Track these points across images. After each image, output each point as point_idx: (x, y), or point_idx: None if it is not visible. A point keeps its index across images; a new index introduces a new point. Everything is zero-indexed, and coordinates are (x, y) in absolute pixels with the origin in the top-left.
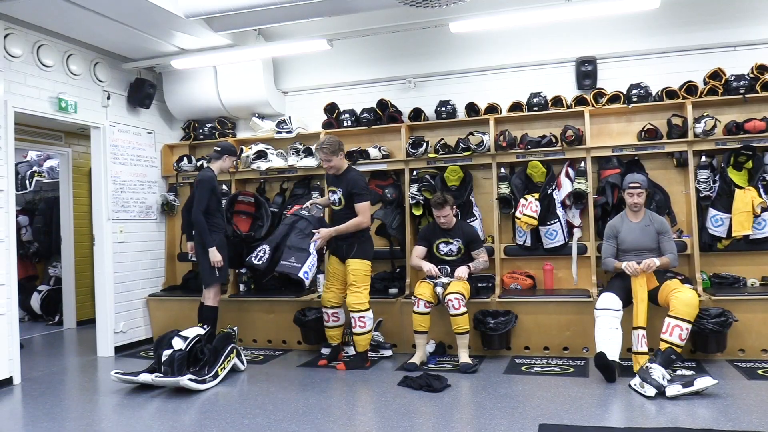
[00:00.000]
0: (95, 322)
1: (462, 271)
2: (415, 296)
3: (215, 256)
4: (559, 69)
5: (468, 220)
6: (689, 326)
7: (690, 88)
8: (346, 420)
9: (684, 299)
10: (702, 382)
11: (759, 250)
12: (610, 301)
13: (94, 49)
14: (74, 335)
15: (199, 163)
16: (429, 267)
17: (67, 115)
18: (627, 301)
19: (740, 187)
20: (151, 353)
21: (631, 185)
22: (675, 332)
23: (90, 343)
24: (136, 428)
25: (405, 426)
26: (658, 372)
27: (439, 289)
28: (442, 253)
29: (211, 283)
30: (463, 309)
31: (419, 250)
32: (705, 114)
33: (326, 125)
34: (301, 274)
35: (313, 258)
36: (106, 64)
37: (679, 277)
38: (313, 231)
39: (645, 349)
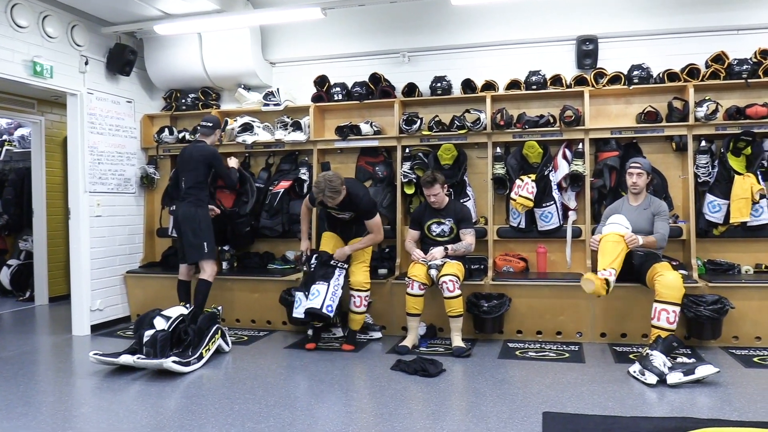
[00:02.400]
0: (69, 298)
1: (438, 252)
2: (409, 278)
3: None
4: (560, 47)
5: (461, 201)
6: (676, 308)
7: (692, 71)
8: (342, 406)
9: (666, 282)
10: (703, 371)
11: (753, 237)
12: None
13: (72, 11)
14: (47, 312)
15: (180, 135)
16: (416, 255)
17: (42, 80)
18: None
19: (739, 174)
20: (129, 332)
21: (632, 165)
22: (662, 316)
23: (64, 321)
24: (118, 413)
25: (403, 413)
26: (659, 359)
27: (432, 272)
28: (434, 234)
29: (198, 258)
30: (458, 291)
31: (412, 234)
32: (706, 98)
33: (316, 98)
34: (324, 311)
35: (333, 287)
36: (84, 27)
37: (673, 263)
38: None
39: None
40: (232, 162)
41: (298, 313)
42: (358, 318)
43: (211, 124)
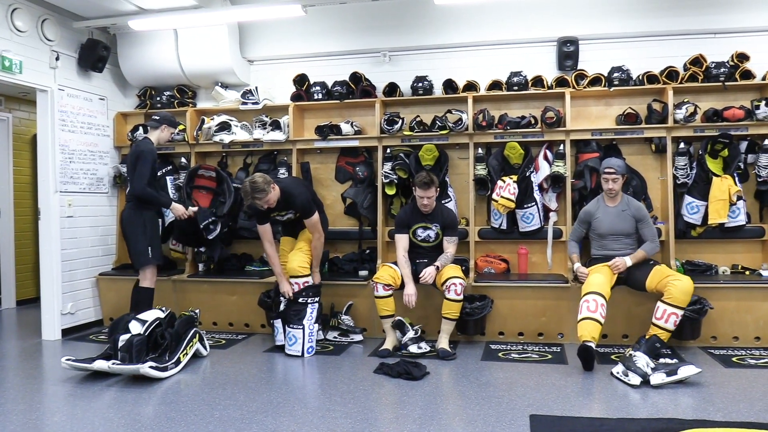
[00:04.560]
0: (38, 301)
1: (429, 274)
2: (373, 281)
3: (178, 210)
4: (541, 48)
5: (443, 202)
6: (682, 313)
7: (671, 74)
8: (326, 411)
9: (683, 288)
10: (685, 371)
11: (730, 238)
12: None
13: (42, 4)
14: (14, 316)
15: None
16: (411, 292)
17: (11, 75)
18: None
19: (717, 175)
20: (102, 336)
21: (606, 170)
22: (671, 319)
23: (33, 325)
24: (93, 422)
25: (389, 417)
26: (642, 360)
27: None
28: (420, 238)
29: (144, 264)
30: (462, 296)
31: (403, 243)
32: (685, 100)
33: (295, 97)
34: (306, 354)
35: (308, 328)
36: (55, 22)
37: (650, 261)
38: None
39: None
40: (178, 211)
41: (279, 340)
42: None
43: (158, 118)
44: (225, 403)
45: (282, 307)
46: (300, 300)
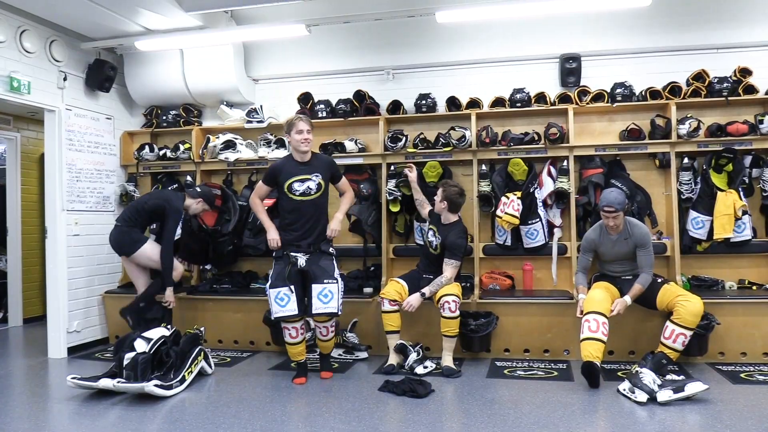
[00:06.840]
0: (44, 319)
1: (414, 300)
2: (379, 297)
3: (171, 296)
4: (543, 65)
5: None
6: (691, 333)
7: (673, 89)
8: (330, 430)
9: (693, 310)
10: (693, 388)
11: (736, 253)
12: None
13: (51, 26)
14: (21, 334)
15: (161, 152)
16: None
17: (20, 95)
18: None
19: (722, 190)
20: (108, 355)
21: (606, 209)
22: (679, 340)
23: (39, 343)
24: None
25: None
26: (649, 377)
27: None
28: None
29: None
30: (458, 312)
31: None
32: (688, 115)
33: None
34: (339, 312)
35: (340, 283)
36: (63, 43)
37: (659, 279)
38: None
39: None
40: (169, 297)
41: (290, 310)
42: (330, 344)
43: (200, 191)
44: (230, 422)
45: (303, 263)
46: (330, 250)
